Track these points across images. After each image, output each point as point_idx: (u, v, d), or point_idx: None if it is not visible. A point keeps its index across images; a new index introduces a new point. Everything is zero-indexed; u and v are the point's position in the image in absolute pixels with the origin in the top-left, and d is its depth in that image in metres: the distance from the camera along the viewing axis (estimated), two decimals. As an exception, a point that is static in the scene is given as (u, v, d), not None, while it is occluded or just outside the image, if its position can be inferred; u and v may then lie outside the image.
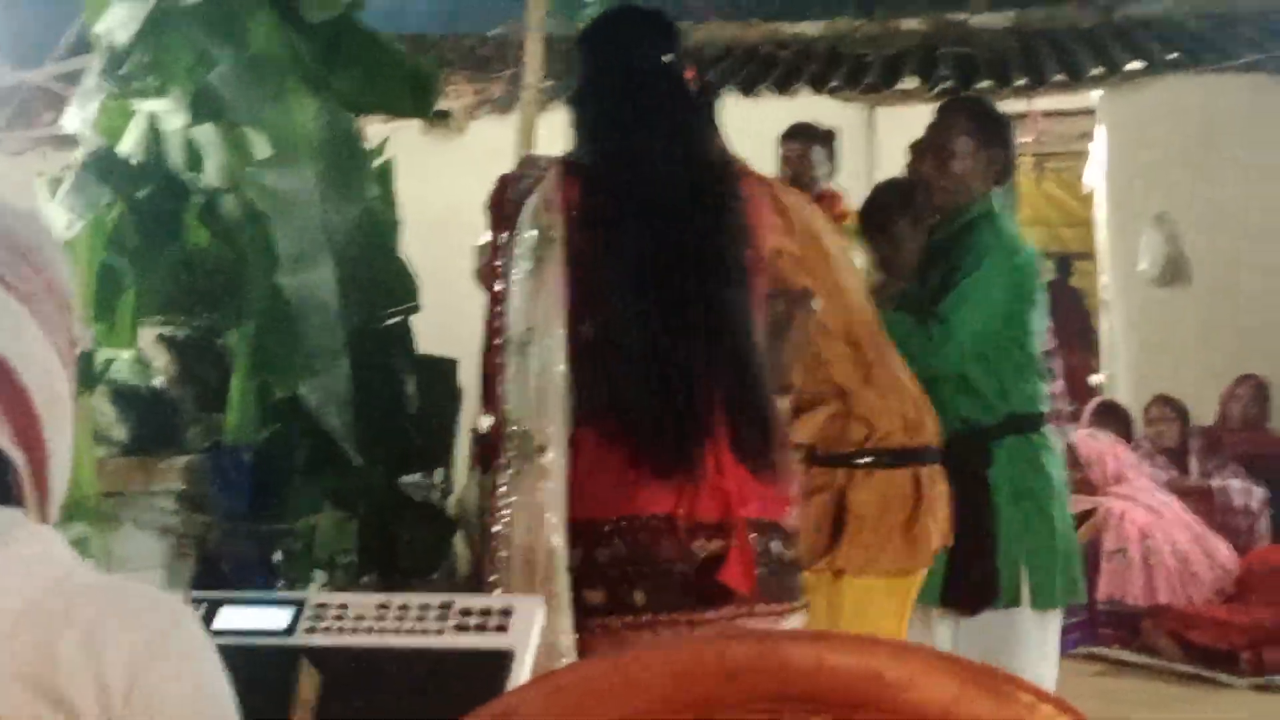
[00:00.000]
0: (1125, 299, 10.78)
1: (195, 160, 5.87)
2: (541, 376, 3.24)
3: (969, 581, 4.74)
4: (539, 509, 3.19)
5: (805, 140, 6.94)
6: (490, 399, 3.41)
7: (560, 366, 3.23)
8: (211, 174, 5.83)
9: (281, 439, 5.74)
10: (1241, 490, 8.40)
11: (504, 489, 3.24)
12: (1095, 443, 8.01)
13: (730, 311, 3.34)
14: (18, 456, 1.37)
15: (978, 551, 4.72)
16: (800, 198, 4.07)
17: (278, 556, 5.70)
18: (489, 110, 11.35)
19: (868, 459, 4.01)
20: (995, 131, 5.03)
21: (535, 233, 3.30)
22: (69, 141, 6.85)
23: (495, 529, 3.27)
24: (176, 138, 5.91)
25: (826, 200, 6.58)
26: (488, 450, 3.44)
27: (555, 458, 3.21)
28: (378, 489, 5.83)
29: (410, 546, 5.93)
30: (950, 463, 4.62)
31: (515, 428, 3.23)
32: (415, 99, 6.25)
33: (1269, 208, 10.23)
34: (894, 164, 5.86)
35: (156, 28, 5.75)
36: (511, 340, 3.28)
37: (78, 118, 6.10)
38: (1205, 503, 8.27)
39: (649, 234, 3.33)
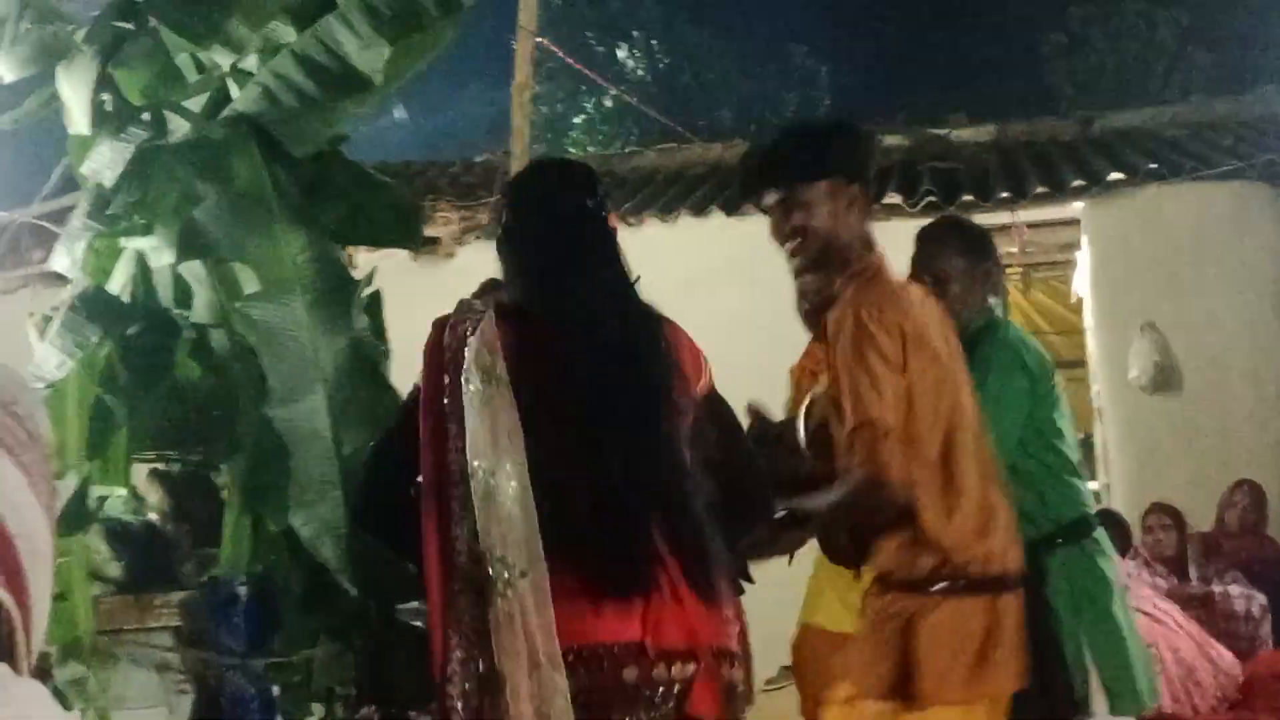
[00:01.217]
0: (1117, 407, 10.80)
1: (184, 296, 5.89)
2: (508, 507, 3.33)
3: (1042, 698, 4.70)
4: (528, 627, 3.26)
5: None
6: (438, 532, 3.46)
7: (525, 497, 3.33)
8: (200, 309, 5.84)
9: (276, 572, 5.72)
10: (1242, 596, 8.37)
11: (492, 622, 3.29)
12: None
13: (665, 447, 3.48)
14: (12, 607, 1.37)
15: (1046, 666, 4.69)
16: (904, 298, 3.98)
17: (276, 690, 5.65)
18: (476, 236, 11.41)
19: (942, 584, 3.88)
20: (979, 245, 5.05)
21: (479, 375, 3.42)
22: (60, 279, 6.87)
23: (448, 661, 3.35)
24: (165, 275, 5.93)
25: None
26: (442, 584, 3.48)
27: (536, 577, 3.29)
28: (374, 619, 5.80)
29: (408, 676, 5.89)
30: None
31: (493, 556, 3.30)
32: (402, 230, 6.28)
33: (1256, 314, 10.29)
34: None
35: (142, 167, 5.79)
36: (477, 477, 3.35)
37: (65, 258, 6.12)
38: (1206, 610, 8.23)
39: (586, 371, 3.48)
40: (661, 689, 3.37)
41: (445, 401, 3.48)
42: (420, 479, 3.56)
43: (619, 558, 3.35)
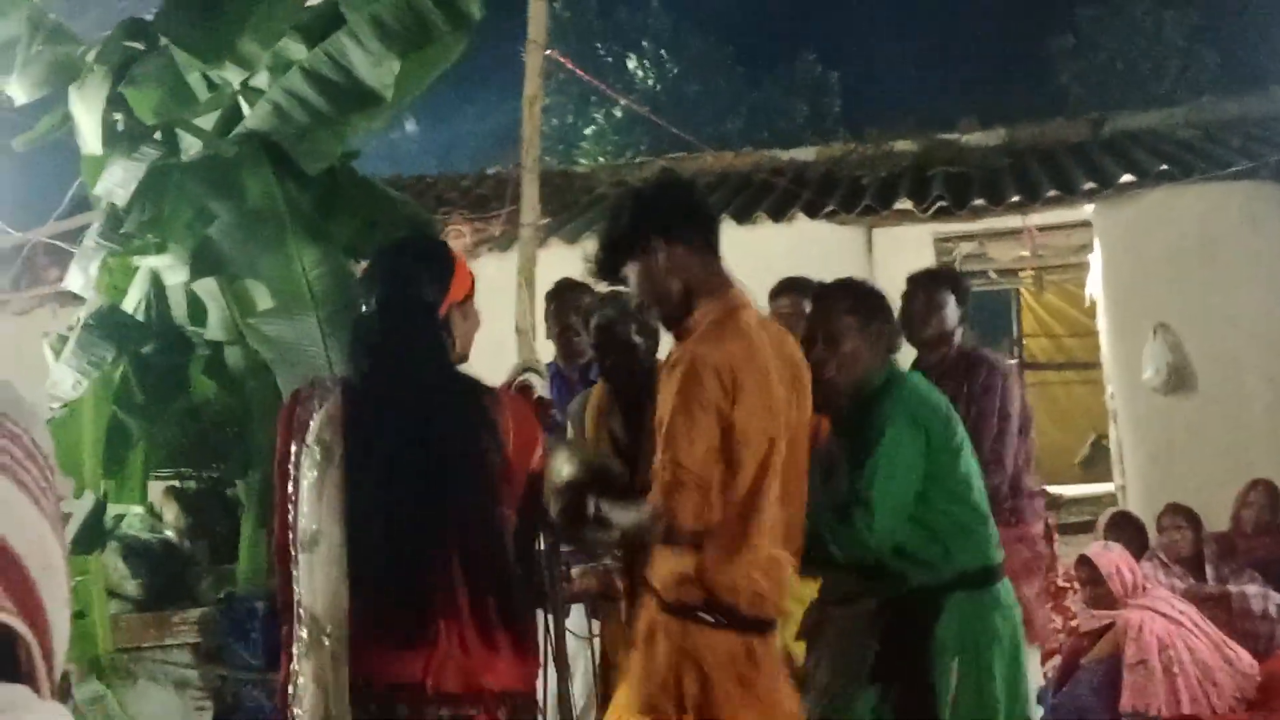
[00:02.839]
0: (1132, 408, 10.80)
1: (198, 314, 5.91)
2: (327, 571, 3.72)
3: None
4: (325, 683, 3.68)
5: (797, 295, 6.86)
6: (283, 585, 3.87)
7: (341, 564, 3.72)
8: (215, 326, 5.86)
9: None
10: (1259, 595, 8.35)
11: (295, 665, 3.74)
12: (1110, 555, 7.97)
13: (470, 507, 3.80)
14: (25, 630, 1.35)
15: (914, 702, 4.76)
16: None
17: (294, 706, 5.66)
18: (489, 248, 11.43)
19: (705, 615, 4.01)
20: (874, 305, 5.08)
21: (319, 448, 3.78)
22: (75, 299, 6.90)
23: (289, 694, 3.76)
24: (179, 292, 5.95)
25: None
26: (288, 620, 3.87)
27: (337, 640, 3.68)
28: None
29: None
30: (897, 611, 4.71)
31: (305, 612, 3.72)
32: (415, 243, 6.28)
33: (1268, 312, 10.27)
34: (892, 284, 5.89)
35: (155, 186, 5.81)
36: (303, 539, 3.75)
37: (80, 277, 6.14)
38: (1223, 610, 8.21)
39: (394, 442, 3.81)
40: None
41: (292, 468, 3.84)
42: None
43: (407, 609, 3.70)
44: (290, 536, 3.81)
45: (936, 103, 20.19)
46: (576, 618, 5.89)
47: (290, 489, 3.83)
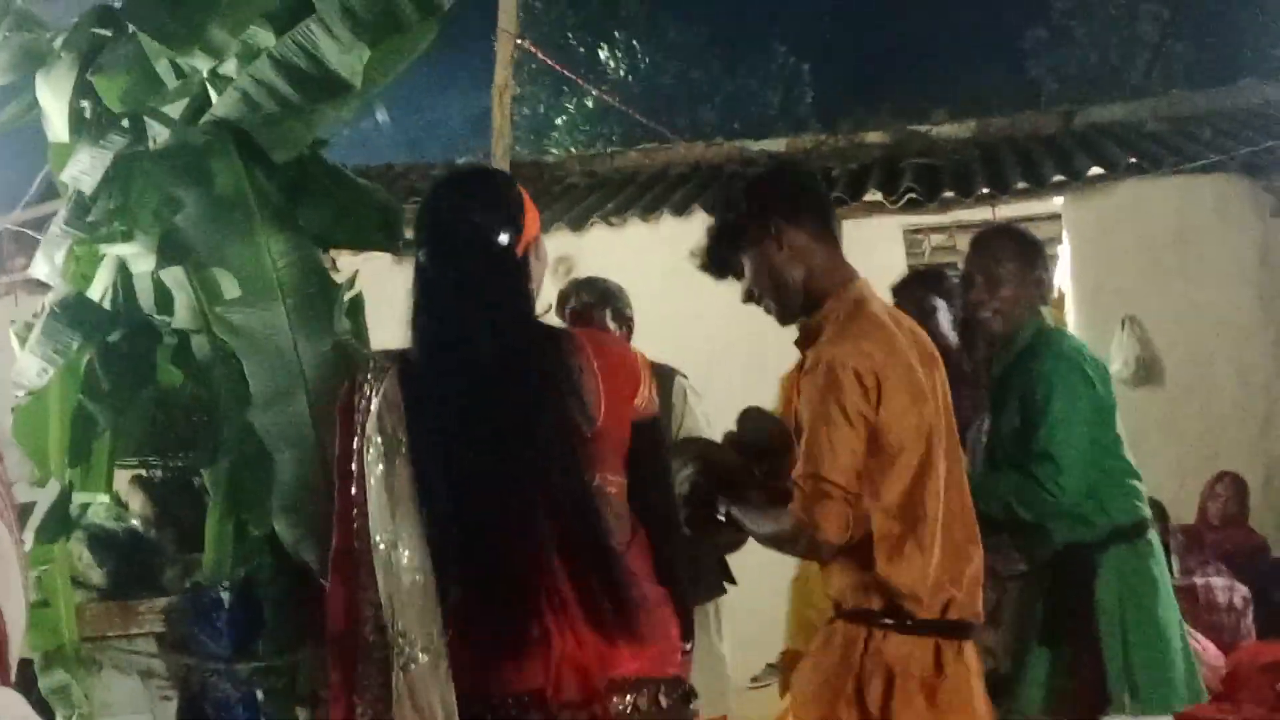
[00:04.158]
0: (1100, 401, 10.82)
1: (165, 302, 5.88)
2: (412, 580, 3.30)
3: (1078, 689, 4.74)
4: (428, 709, 3.26)
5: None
6: (337, 611, 3.49)
7: (426, 570, 3.30)
8: (182, 315, 5.83)
9: (260, 576, 5.71)
10: (1225, 588, 8.39)
11: (395, 694, 3.29)
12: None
13: (564, 487, 3.38)
14: None
15: (1085, 660, 4.73)
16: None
17: (260, 695, 5.65)
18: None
19: (889, 620, 3.87)
20: (1035, 254, 5.09)
21: (380, 439, 3.36)
22: (41, 286, 6.87)
23: None
24: (145, 281, 5.92)
25: None
26: (345, 651, 3.49)
27: (435, 654, 3.28)
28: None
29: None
30: (1056, 573, 4.65)
31: (392, 633, 3.29)
32: (384, 233, 6.26)
33: (1237, 306, 10.32)
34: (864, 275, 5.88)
35: (121, 173, 5.78)
36: (379, 549, 3.34)
37: (46, 265, 6.11)
38: (1189, 602, 8.24)
39: (468, 426, 3.37)
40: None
41: (353, 466, 3.46)
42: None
43: (510, 610, 3.32)
44: (354, 549, 3.43)
45: (908, 94, 20.23)
46: None
47: (355, 492, 3.45)
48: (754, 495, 4.08)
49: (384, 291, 6.44)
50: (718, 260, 4.17)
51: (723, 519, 4.00)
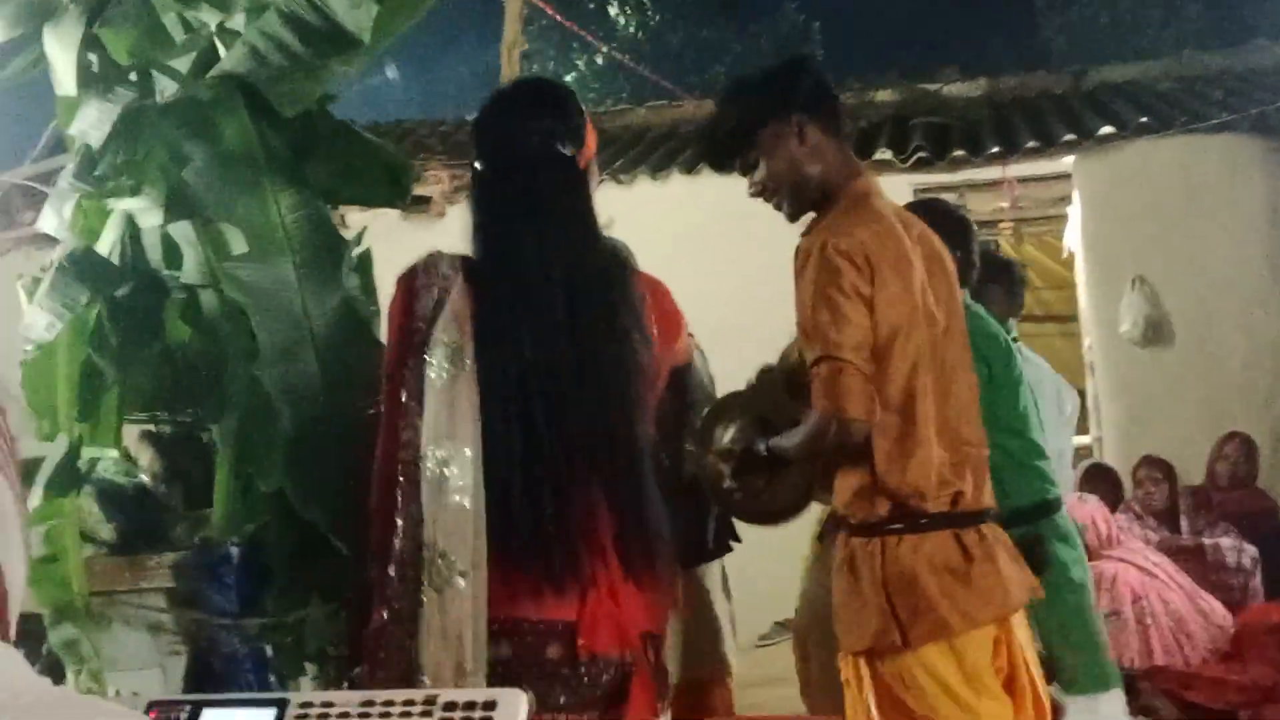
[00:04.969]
0: (1109, 361, 10.82)
1: (174, 257, 5.87)
2: (459, 499, 3.22)
3: None
4: (457, 633, 3.20)
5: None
6: (389, 518, 3.37)
7: (477, 490, 3.22)
8: (190, 270, 5.82)
9: (268, 533, 5.71)
10: (1233, 548, 8.40)
11: (386, 614, 3.26)
12: (1086, 507, 8.00)
13: (618, 426, 3.33)
14: None
15: None
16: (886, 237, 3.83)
17: (269, 651, 5.66)
18: (467, 195, 11.36)
19: (899, 525, 3.82)
20: (955, 232, 4.99)
21: (447, 353, 3.29)
22: (50, 241, 6.86)
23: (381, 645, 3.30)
24: (153, 235, 5.91)
25: None
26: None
27: (475, 581, 3.21)
28: (367, 579, 5.81)
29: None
30: None
31: (429, 552, 3.23)
32: (392, 189, 6.24)
33: (1246, 266, 10.30)
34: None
35: (129, 127, 5.76)
36: (428, 465, 3.26)
37: (53, 219, 6.10)
38: (1197, 562, 8.26)
39: (535, 347, 3.30)
40: (586, 677, 3.31)
41: (406, 373, 3.38)
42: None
43: (557, 552, 3.25)
44: (400, 463, 3.32)
45: (918, 53, 20.17)
46: None
47: (405, 400, 3.35)
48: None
49: (392, 248, 6.45)
50: (728, 151, 4.10)
51: (765, 456, 3.95)
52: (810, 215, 3.99)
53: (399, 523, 3.29)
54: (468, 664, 3.19)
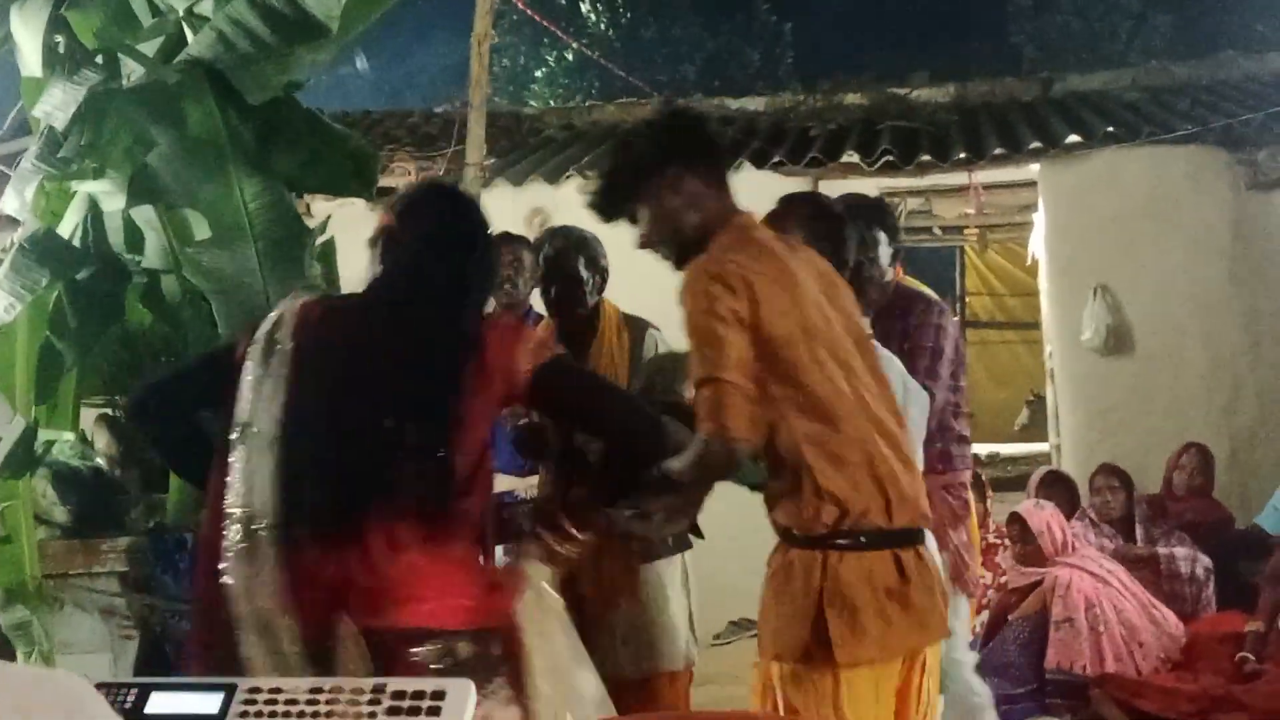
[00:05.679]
0: (1070, 368, 10.86)
1: (136, 241, 5.86)
2: (259, 465, 3.48)
3: None
4: (261, 584, 3.40)
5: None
6: (219, 474, 3.59)
7: (271, 458, 3.48)
8: (152, 255, 5.81)
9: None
10: (1187, 558, 8.43)
11: (227, 565, 3.45)
12: (1042, 513, 8.02)
13: (412, 441, 3.52)
14: None
15: None
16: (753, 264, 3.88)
17: (221, 638, 5.64)
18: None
19: (843, 541, 3.83)
20: (828, 228, 5.01)
21: (266, 341, 3.60)
22: (11, 222, 6.83)
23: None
24: (116, 219, 5.89)
25: None
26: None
27: (269, 529, 3.43)
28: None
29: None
30: None
31: (239, 510, 3.46)
32: (357, 179, 6.24)
33: (1209, 277, 10.35)
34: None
35: (94, 110, 5.75)
36: (240, 429, 3.53)
37: (15, 200, 6.07)
38: (1151, 571, 8.29)
39: (348, 357, 3.61)
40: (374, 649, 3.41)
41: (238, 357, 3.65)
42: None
43: (323, 532, 3.43)
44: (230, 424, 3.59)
45: (889, 57, 20.19)
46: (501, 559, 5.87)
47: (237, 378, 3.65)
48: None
49: (357, 237, 6.44)
50: (613, 204, 4.17)
51: (657, 478, 3.97)
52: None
53: (230, 486, 3.53)
54: (267, 613, 3.38)
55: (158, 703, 2.44)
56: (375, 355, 3.61)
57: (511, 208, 9.80)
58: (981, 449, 11.32)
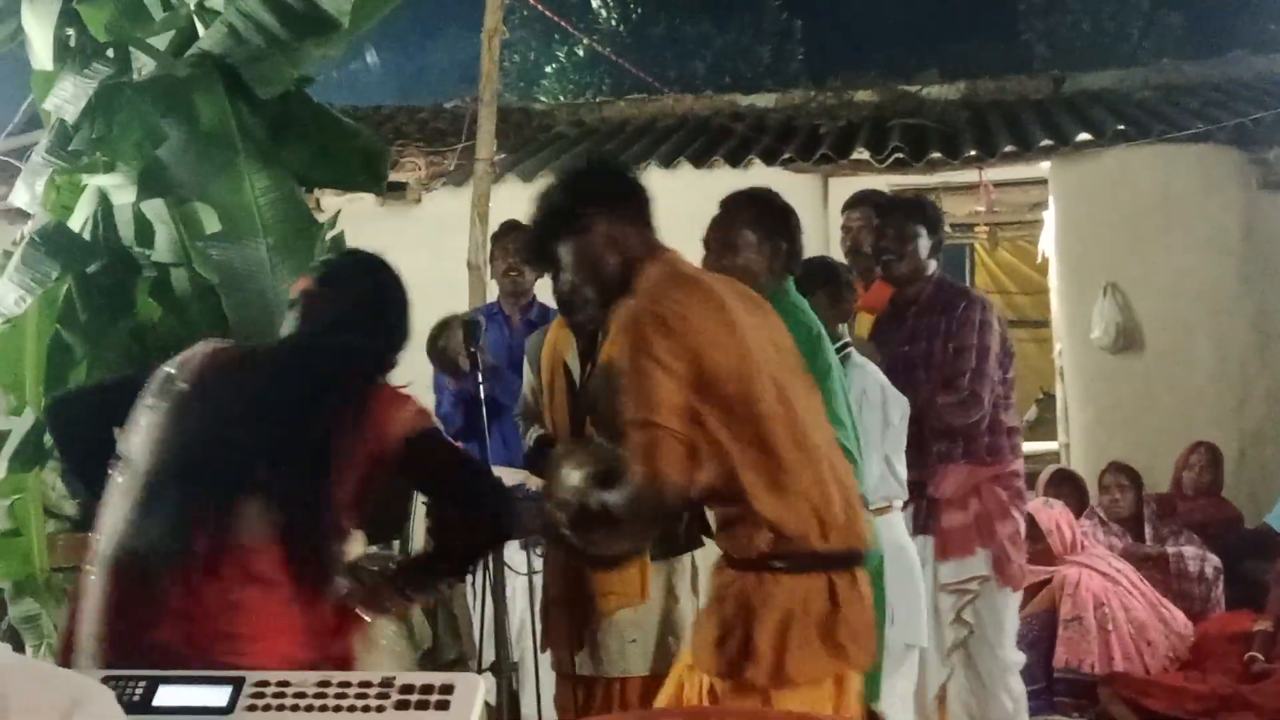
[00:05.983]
0: (1080, 366, 10.84)
1: (146, 235, 5.85)
2: (123, 494, 3.59)
3: None
4: (87, 622, 3.52)
5: (868, 207, 6.89)
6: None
7: (134, 490, 3.57)
8: (162, 248, 5.81)
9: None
10: (1196, 557, 8.41)
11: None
12: (1051, 511, 8.02)
13: (276, 490, 3.58)
14: None
15: None
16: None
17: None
18: (443, 182, 11.37)
19: (778, 563, 3.81)
20: (779, 223, 5.02)
21: (159, 386, 3.70)
22: (22, 215, 6.83)
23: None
24: (126, 212, 5.89)
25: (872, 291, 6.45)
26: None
27: (103, 569, 3.54)
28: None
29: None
30: None
31: (99, 535, 3.60)
32: (367, 174, 6.24)
33: (1219, 276, 10.33)
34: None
35: (105, 103, 5.75)
36: (119, 459, 3.65)
37: (26, 193, 6.08)
38: (1160, 570, 8.28)
39: (231, 402, 3.70)
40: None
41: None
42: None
43: (155, 564, 3.48)
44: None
45: (899, 54, 20.18)
46: (513, 553, 5.88)
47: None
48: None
49: (367, 232, 6.45)
50: (539, 249, 4.20)
51: (598, 510, 3.98)
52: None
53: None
54: (84, 640, 3.48)
55: (166, 695, 2.44)
56: (258, 404, 3.70)
57: (521, 203, 9.78)
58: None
